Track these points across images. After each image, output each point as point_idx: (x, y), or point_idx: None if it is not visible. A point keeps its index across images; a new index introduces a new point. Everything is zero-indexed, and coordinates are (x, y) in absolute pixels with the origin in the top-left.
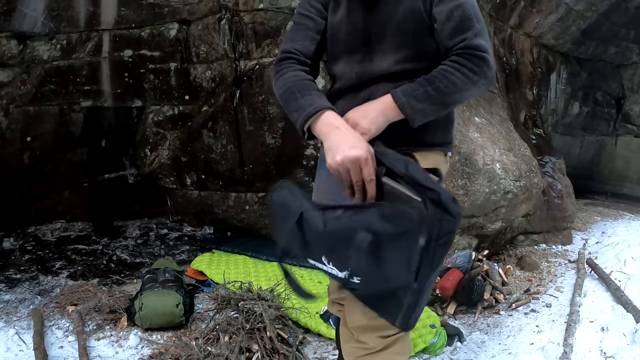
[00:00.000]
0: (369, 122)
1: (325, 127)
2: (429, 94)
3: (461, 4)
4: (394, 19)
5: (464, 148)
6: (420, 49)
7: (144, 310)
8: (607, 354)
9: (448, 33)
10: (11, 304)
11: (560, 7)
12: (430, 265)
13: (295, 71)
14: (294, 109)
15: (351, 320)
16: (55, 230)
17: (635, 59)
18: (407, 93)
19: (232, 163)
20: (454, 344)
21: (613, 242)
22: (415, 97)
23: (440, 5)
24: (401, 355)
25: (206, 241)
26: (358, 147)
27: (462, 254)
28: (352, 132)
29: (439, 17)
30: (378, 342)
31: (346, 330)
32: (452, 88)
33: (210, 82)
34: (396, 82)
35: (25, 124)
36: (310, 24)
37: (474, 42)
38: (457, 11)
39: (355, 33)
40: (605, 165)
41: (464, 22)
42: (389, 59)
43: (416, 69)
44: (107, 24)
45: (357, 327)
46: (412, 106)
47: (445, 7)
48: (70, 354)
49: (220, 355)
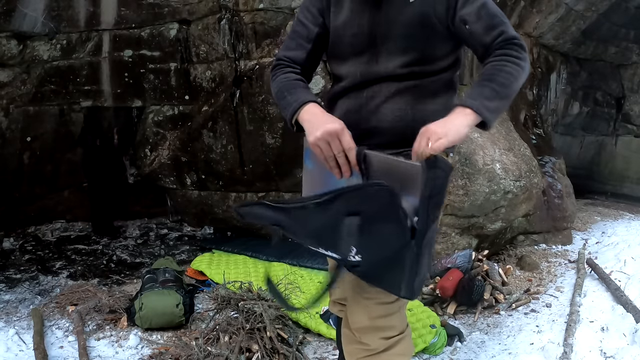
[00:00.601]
0: (453, 133)
1: (306, 114)
2: (496, 90)
3: (485, 3)
4: (400, 21)
5: (464, 148)
6: (427, 53)
7: (144, 310)
8: (607, 354)
9: (482, 31)
10: (11, 304)
11: (560, 7)
12: (425, 222)
13: (285, 73)
14: (284, 107)
15: (353, 321)
16: (55, 230)
17: (635, 59)
18: (475, 97)
19: (232, 163)
20: (454, 344)
21: (613, 242)
22: (485, 97)
23: (465, 8)
24: (403, 357)
25: (206, 241)
26: (335, 122)
27: (462, 254)
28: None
29: (468, 19)
30: (380, 344)
31: (348, 331)
32: (511, 78)
33: (210, 82)
34: (400, 82)
35: (25, 124)
36: (302, 32)
37: (511, 33)
38: (484, 10)
39: (361, 35)
40: (605, 165)
41: (494, 18)
42: (396, 61)
43: (423, 72)
44: (107, 24)
45: (360, 328)
46: (487, 107)
47: (471, 9)
48: (70, 354)
49: (220, 355)
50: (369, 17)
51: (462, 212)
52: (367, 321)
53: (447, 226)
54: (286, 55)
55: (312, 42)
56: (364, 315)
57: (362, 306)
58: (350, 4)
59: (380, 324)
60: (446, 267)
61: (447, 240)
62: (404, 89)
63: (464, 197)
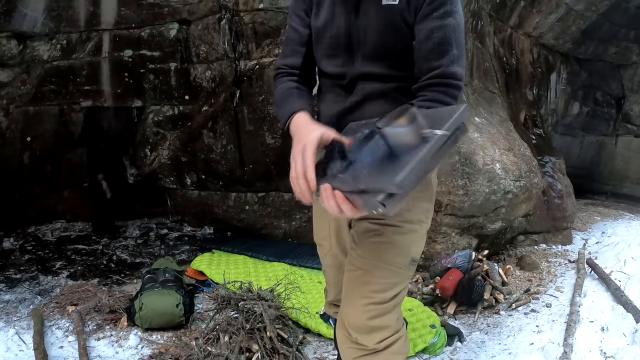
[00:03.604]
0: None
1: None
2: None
3: (444, 26)
4: (375, 28)
5: (464, 148)
6: (403, 58)
7: (144, 310)
8: (607, 354)
9: (424, 54)
10: (11, 304)
11: (560, 7)
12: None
13: (282, 83)
14: (280, 118)
15: (349, 321)
16: (55, 230)
17: (635, 59)
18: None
19: (232, 163)
20: (454, 344)
21: (613, 242)
22: None
23: (422, 23)
24: (400, 355)
25: (206, 241)
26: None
27: (462, 254)
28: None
29: (417, 36)
30: (376, 343)
31: (343, 332)
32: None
33: (210, 82)
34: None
35: (25, 124)
36: (295, 37)
37: (449, 70)
38: (438, 32)
39: (338, 37)
40: (605, 165)
41: (442, 46)
42: (374, 66)
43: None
44: (107, 24)
45: (356, 329)
46: None
47: (426, 26)
48: (70, 354)
49: (220, 355)
50: (346, 20)
51: (462, 212)
52: (362, 321)
53: (447, 226)
54: (284, 64)
55: (305, 45)
56: (359, 316)
57: (357, 306)
58: (329, 6)
59: (376, 324)
60: (446, 267)
61: (447, 240)
62: (387, 90)
63: (464, 197)
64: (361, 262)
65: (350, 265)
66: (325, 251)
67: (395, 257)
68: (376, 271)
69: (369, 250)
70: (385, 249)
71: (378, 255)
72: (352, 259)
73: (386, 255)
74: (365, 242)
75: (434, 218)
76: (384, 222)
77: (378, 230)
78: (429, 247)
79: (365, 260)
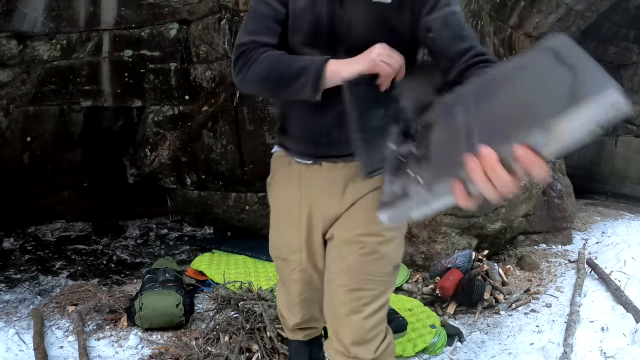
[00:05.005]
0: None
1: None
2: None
3: (454, 12)
4: (361, 23)
5: None
6: None
7: (144, 310)
8: (607, 354)
9: (447, 40)
10: (11, 304)
11: (560, 7)
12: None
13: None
14: (295, 76)
15: (345, 338)
16: (55, 230)
17: (635, 59)
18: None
19: (232, 163)
20: (454, 344)
21: (613, 242)
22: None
23: (432, 14)
24: (392, 356)
25: (206, 241)
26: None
27: (462, 254)
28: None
29: (433, 26)
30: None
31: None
32: None
33: (210, 82)
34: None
35: (25, 124)
36: (269, 13)
37: (480, 48)
38: (452, 18)
39: (319, 25)
40: (605, 165)
41: (463, 30)
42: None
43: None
44: (107, 24)
45: (354, 343)
46: None
47: (438, 15)
48: (70, 354)
49: (220, 355)
50: (328, 9)
51: (462, 212)
52: (360, 335)
53: (447, 226)
54: (254, 40)
55: (281, 24)
56: (356, 331)
57: (352, 322)
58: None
59: (372, 334)
60: (446, 267)
61: (447, 240)
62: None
63: None
64: (348, 278)
65: (335, 282)
66: (293, 266)
67: (382, 268)
68: (366, 285)
69: (356, 264)
70: (371, 262)
71: (366, 269)
72: (336, 276)
73: (373, 269)
74: (349, 257)
75: (434, 218)
76: (366, 233)
77: (362, 243)
78: (429, 247)
79: (353, 275)
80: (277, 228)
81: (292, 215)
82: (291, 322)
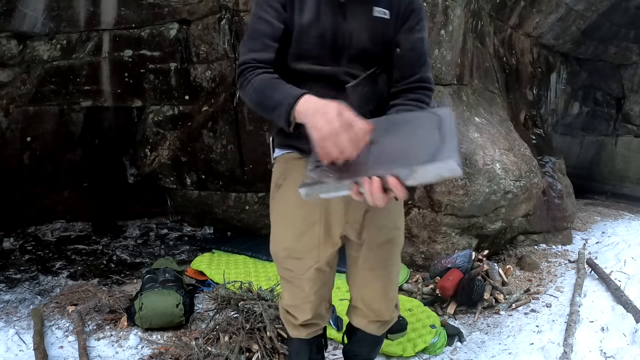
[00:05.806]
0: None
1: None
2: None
3: (423, 38)
4: (364, 36)
5: (464, 148)
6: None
7: (144, 310)
8: (607, 354)
9: (409, 61)
10: (11, 304)
11: (560, 7)
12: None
13: (259, 75)
14: (272, 107)
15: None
16: (55, 230)
17: (635, 59)
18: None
19: (232, 163)
20: (454, 344)
21: (613, 242)
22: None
23: (408, 34)
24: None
25: (206, 241)
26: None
27: (462, 254)
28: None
29: (403, 45)
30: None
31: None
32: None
33: (210, 82)
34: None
35: (25, 124)
36: (267, 31)
37: (427, 75)
38: (420, 44)
39: (324, 38)
40: (605, 165)
41: (423, 56)
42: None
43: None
44: (107, 24)
45: (385, 313)
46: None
47: (412, 37)
48: (70, 354)
49: (220, 355)
50: (333, 23)
51: (462, 212)
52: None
53: (447, 226)
54: (254, 58)
55: (278, 40)
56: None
57: (387, 300)
58: (314, 4)
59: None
60: (446, 267)
61: (447, 240)
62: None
63: (464, 197)
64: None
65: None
66: (309, 264)
67: (399, 253)
68: (393, 268)
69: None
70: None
71: (387, 255)
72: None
73: (396, 254)
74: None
75: (434, 218)
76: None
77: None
78: (429, 247)
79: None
80: (291, 228)
81: (310, 215)
82: (302, 319)
